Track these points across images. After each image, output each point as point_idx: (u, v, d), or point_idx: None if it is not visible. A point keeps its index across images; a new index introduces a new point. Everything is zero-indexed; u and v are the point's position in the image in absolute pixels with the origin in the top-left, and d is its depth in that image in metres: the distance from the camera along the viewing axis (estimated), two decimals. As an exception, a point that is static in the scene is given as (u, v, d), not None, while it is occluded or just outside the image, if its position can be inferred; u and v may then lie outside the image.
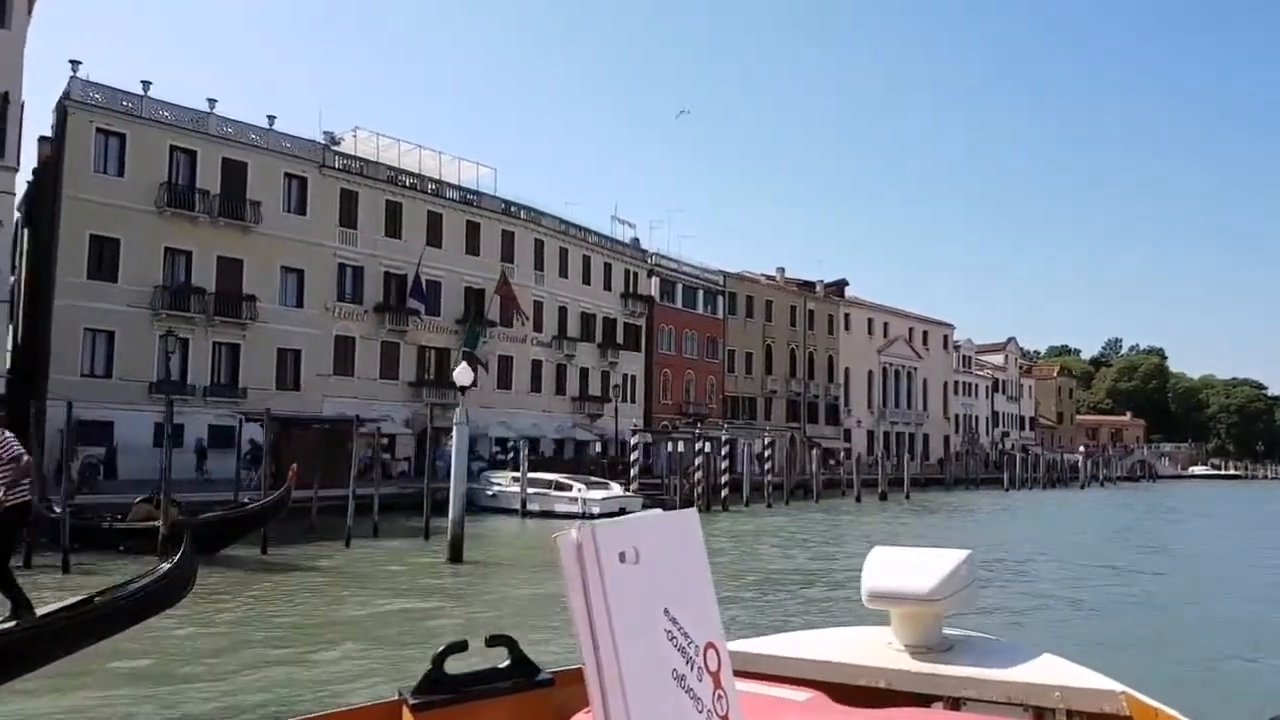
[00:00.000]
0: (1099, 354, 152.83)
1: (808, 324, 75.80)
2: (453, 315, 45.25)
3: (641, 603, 1.14)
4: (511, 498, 32.80)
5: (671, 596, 1.19)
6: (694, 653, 1.19)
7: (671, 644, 1.16)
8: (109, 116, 35.95)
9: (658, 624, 1.15)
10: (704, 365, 64.09)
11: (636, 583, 1.13)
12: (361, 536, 23.20)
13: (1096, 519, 43.48)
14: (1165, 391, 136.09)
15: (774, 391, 71.48)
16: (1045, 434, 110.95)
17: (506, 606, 15.24)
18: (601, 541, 1.10)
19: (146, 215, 36.35)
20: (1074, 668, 2.56)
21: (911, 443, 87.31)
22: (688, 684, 1.17)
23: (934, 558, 2.66)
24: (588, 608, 1.08)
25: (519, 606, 15.09)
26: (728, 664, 1.26)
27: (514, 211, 49.30)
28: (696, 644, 1.20)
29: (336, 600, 15.23)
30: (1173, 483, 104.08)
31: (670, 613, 1.17)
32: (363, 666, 10.50)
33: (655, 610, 1.16)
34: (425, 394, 43.63)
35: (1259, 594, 18.72)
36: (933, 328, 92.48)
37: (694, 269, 63.72)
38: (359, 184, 42.83)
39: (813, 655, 2.68)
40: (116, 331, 35.27)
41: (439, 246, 45.18)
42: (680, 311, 61.82)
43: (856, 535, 29.15)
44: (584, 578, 1.08)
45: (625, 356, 56.16)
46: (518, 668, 2.15)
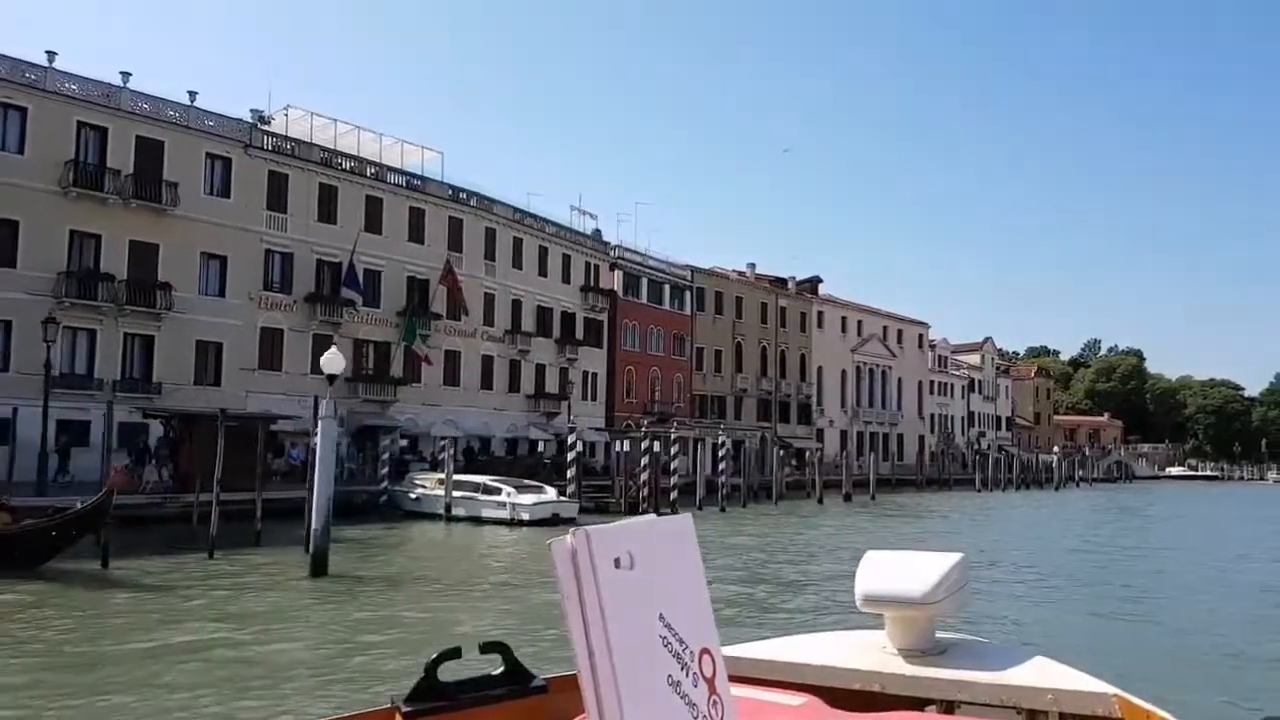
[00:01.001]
0: (1078, 355, 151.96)
1: (779, 321, 73.51)
2: (394, 307, 42.42)
3: (636, 609, 1.13)
4: (436, 501, 30.02)
5: (666, 602, 1.18)
6: (689, 658, 1.18)
7: (666, 650, 1.16)
8: (9, 89, 32.95)
9: (653, 630, 1.15)
10: (671, 363, 61.57)
11: (631, 588, 1.12)
12: (239, 546, 20.38)
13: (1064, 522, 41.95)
14: (1143, 392, 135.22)
15: (744, 390, 69.09)
16: (1023, 434, 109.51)
17: (337, 633, 12.53)
18: (596, 547, 1.09)
19: (49, 196, 33.35)
20: (1066, 670, 2.58)
21: (886, 443, 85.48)
22: (683, 690, 1.16)
23: (926, 561, 2.66)
24: (582, 614, 1.07)
25: (361, 634, 12.37)
26: (723, 669, 1.25)
27: (463, 198, 46.53)
28: (691, 649, 1.19)
29: (128, 628, 12.42)
30: (1150, 483, 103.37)
31: (665, 618, 1.16)
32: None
33: (650, 616, 1.15)
34: (362, 390, 40.79)
35: (1234, 597, 18.43)
36: (908, 326, 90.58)
37: (660, 263, 61.20)
38: (290, 166, 39.93)
39: (807, 659, 2.67)
40: (14, 321, 32.27)
41: (379, 233, 42.33)
42: (645, 307, 59.27)
43: (798, 544, 26.63)
44: (579, 584, 1.08)
45: (586, 353, 53.51)
46: (512, 675, 2.08)
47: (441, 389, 44.25)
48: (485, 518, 28.67)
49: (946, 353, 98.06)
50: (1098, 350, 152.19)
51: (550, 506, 28.38)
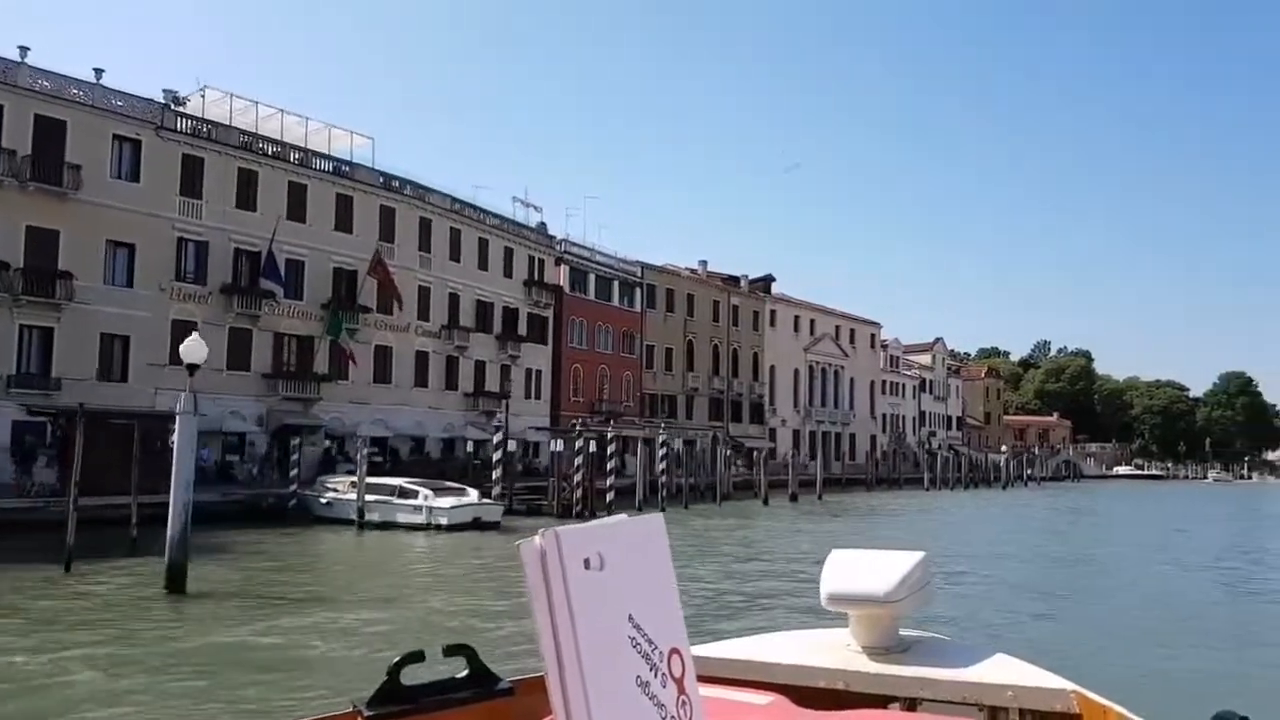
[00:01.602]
0: (1028, 356, 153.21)
1: (732, 320, 72.24)
2: (318, 299, 40.06)
3: (606, 610, 1.12)
4: (348, 506, 27.85)
5: (636, 602, 1.17)
6: (658, 659, 1.18)
7: (635, 650, 1.15)
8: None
9: (622, 631, 1.14)
10: (620, 361, 59.84)
11: (601, 589, 1.11)
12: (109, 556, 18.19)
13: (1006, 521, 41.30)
14: (1091, 393, 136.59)
15: (696, 389, 67.62)
16: (973, 434, 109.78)
17: (153, 665, 10.55)
18: (566, 548, 1.08)
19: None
20: (1026, 667, 2.60)
21: (838, 442, 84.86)
22: (651, 691, 1.15)
23: (890, 560, 2.67)
24: (551, 615, 1.06)
25: (182, 667, 10.42)
26: (691, 669, 1.24)
27: (395, 186, 44.30)
28: (661, 650, 1.19)
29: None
30: (1097, 482, 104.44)
31: (634, 619, 1.16)
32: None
33: (619, 617, 1.14)
34: (283, 387, 38.45)
35: (1173, 592, 18.47)
36: (860, 326, 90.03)
37: (609, 258, 59.41)
38: (206, 149, 37.45)
39: (774, 658, 2.68)
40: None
41: (303, 222, 39.95)
42: (593, 303, 57.44)
43: (724, 551, 24.96)
44: (547, 585, 1.07)
45: (529, 350, 51.53)
46: (477, 677, 2.05)
47: (371, 386, 42.00)
48: (401, 523, 26.62)
49: (898, 353, 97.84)
50: (1047, 351, 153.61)
51: (471, 510, 26.39)
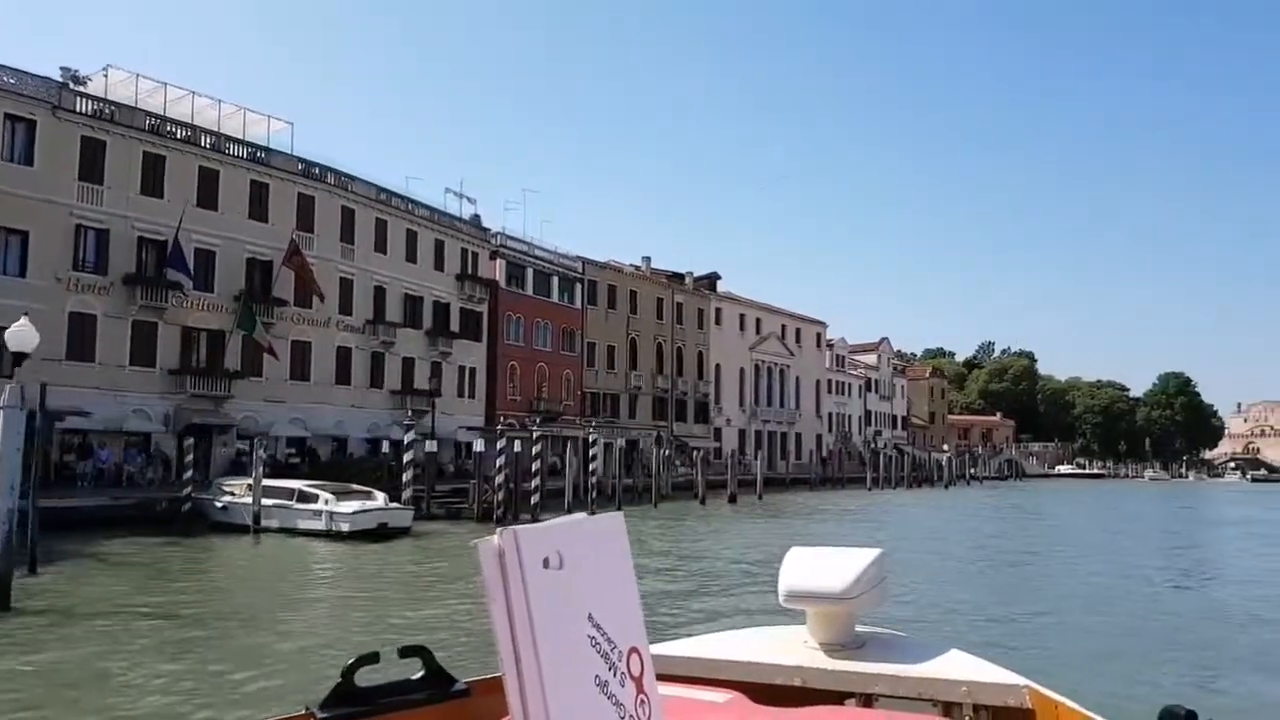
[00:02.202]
0: (972, 356, 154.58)
1: (676, 318, 71.05)
2: (230, 291, 37.89)
3: (565, 609, 1.12)
4: (245, 511, 25.93)
5: (595, 602, 1.17)
6: (617, 658, 1.18)
7: (595, 650, 1.15)
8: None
9: (581, 630, 1.14)
10: (559, 358, 58.25)
11: (560, 589, 1.11)
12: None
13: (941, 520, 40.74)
14: (1034, 393, 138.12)
15: (639, 388, 66.26)
16: (918, 433, 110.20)
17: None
18: (524, 547, 1.08)
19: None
20: (979, 663, 2.62)
21: (784, 442, 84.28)
22: (610, 690, 1.15)
23: (847, 557, 2.69)
24: (509, 615, 1.05)
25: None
26: (650, 668, 1.25)
27: (316, 173, 42.23)
28: (620, 649, 1.19)
29: None
30: (1039, 481, 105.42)
31: (594, 618, 1.16)
32: None
33: (579, 616, 1.14)
34: (192, 384, 36.26)
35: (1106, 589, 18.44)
36: (806, 325, 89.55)
37: (548, 253, 57.76)
38: (109, 132, 35.14)
39: (732, 656, 2.68)
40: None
41: (214, 209, 37.77)
42: (531, 299, 55.75)
43: (644, 553, 23.68)
44: (505, 585, 1.06)
45: (462, 346, 49.71)
46: (432, 678, 2.02)
47: (288, 384, 39.91)
48: (301, 529, 24.78)
49: (844, 352, 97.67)
50: (992, 352, 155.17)
51: (376, 515, 24.63)
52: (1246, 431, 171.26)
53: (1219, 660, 12.11)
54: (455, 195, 50.71)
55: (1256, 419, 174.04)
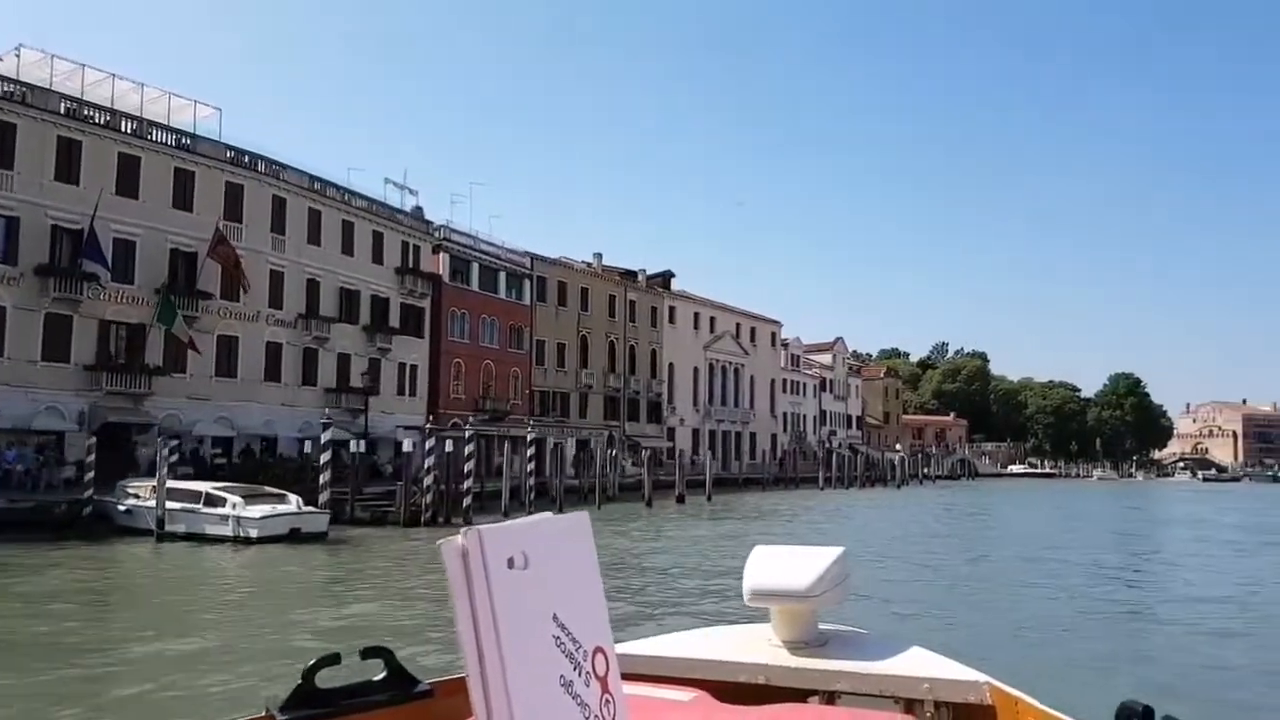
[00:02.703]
0: (927, 356, 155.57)
1: (629, 316, 70.01)
2: (152, 283, 36.14)
3: (529, 609, 1.12)
4: (149, 515, 24.41)
5: (560, 601, 1.17)
6: (582, 658, 1.18)
7: (560, 650, 1.15)
8: None
9: (546, 630, 1.14)
10: (507, 356, 56.91)
11: (525, 589, 1.11)
12: None
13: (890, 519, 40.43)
14: (987, 393, 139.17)
15: (590, 387, 65.09)
16: (872, 433, 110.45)
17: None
18: (489, 547, 1.07)
19: None
20: (941, 660, 2.64)
21: (739, 441, 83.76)
22: (575, 690, 1.15)
23: (810, 556, 2.70)
24: (473, 616, 1.05)
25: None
26: (616, 668, 1.25)
27: (245, 161, 40.55)
28: (585, 649, 1.19)
29: None
30: (991, 480, 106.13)
31: (559, 618, 1.16)
32: None
33: (544, 616, 1.14)
34: (109, 381, 34.49)
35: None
36: (760, 324, 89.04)
37: (494, 247, 56.35)
38: (19, 115, 33.27)
39: (697, 654, 2.68)
40: None
41: (134, 197, 36.02)
42: (477, 295, 54.34)
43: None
44: (469, 585, 1.05)
45: (402, 343, 48.21)
46: (395, 679, 2.00)
47: (213, 381, 38.22)
48: (209, 534, 23.35)
49: (799, 352, 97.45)
50: (945, 353, 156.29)
51: (287, 520, 23.27)
52: (1195, 432, 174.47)
53: (1173, 657, 12.19)
54: (396, 186, 49.20)
55: (1205, 419, 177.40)
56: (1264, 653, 12.65)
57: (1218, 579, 21.47)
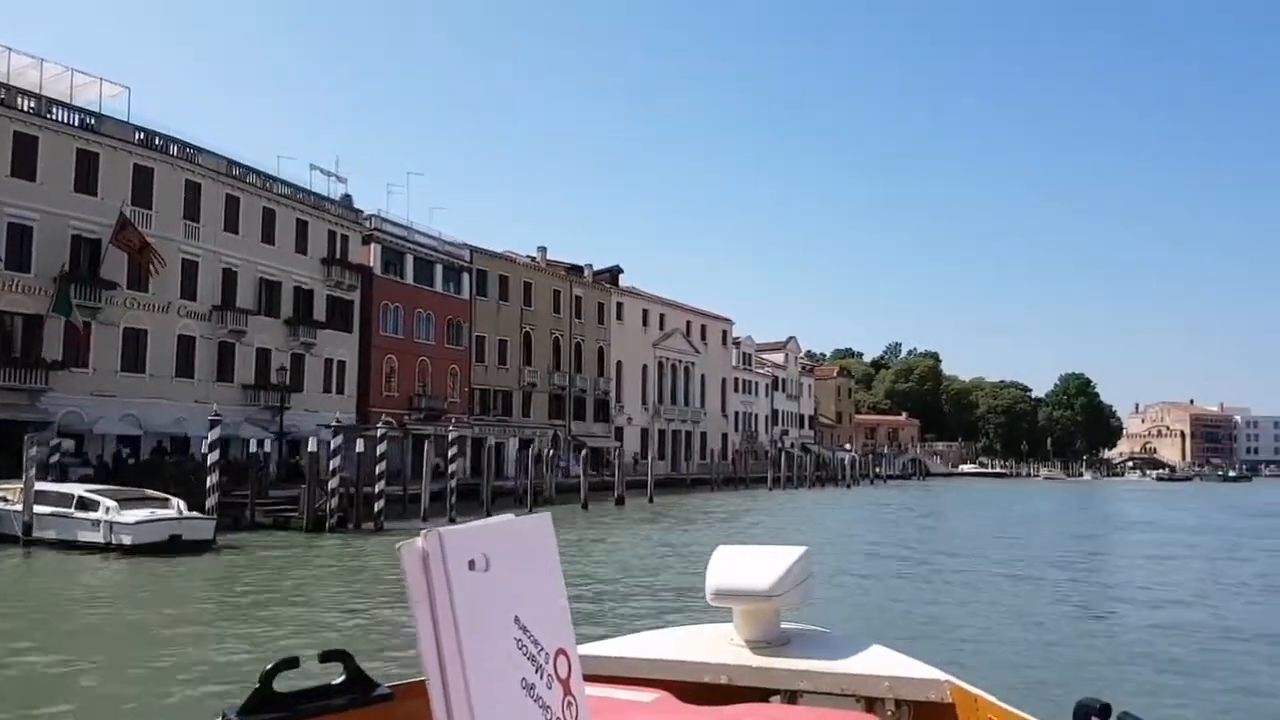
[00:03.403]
0: (880, 356, 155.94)
1: (575, 312, 68.39)
2: (51, 271, 33.88)
3: (491, 612, 1.11)
4: (15, 520, 22.38)
5: (522, 604, 1.17)
6: (544, 660, 1.18)
7: (521, 652, 1.15)
8: None
9: (507, 633, 1.14)
10: (444, 352, 55.04)
11: (486, 591, 1.11)
12: None
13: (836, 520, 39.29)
14: (939, 393, 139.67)
15: (534, 385, 63.32)
16: (825, 432, 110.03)
17: None
18: (450, 549, 1.07)
19: None
20: (901, 658, 2.65)
21: (689, 441, 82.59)
22: (537, 693, 1.15)
23: (773, 555, 2.71)
24: (433, 619, 1.04)
25: None
26: (578, 670, 1.25)
27: (157, 143, 38.33)
28: (547, 651, 1.19)
29: None
30: (942, 480, 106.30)
31: (521, 620, 1.15)
32: None
33: (505, 619, 1.14)
34: (5, 376, 32.20)
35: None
36: (711, 322, 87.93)
37: (430, 239, 54.42)
38: (-100, 86, 30.93)
39: (660, 655, 2.68)
40: None
41: (32, 180, 33.72)
42: (411, 288, 52.38)
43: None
44: (430, 588, 1.05)
45: (329, 337, 46.17)
46: (354, 683, 1.96)
47: (118, 376, 35.99)
48: (80, 541, 21.40)
49: (751, 351, 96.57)
50: (899, 353, 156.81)
51: (166, 526, 21.37)
52: (1144, 431, 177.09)
53: (1129, 656, 12.31)
54: (323, 173, 47.04)
55: (1154, 420, 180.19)
56: (1218, 650, 12.76)
57: (1170, 582, 20.80)
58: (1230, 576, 21.91)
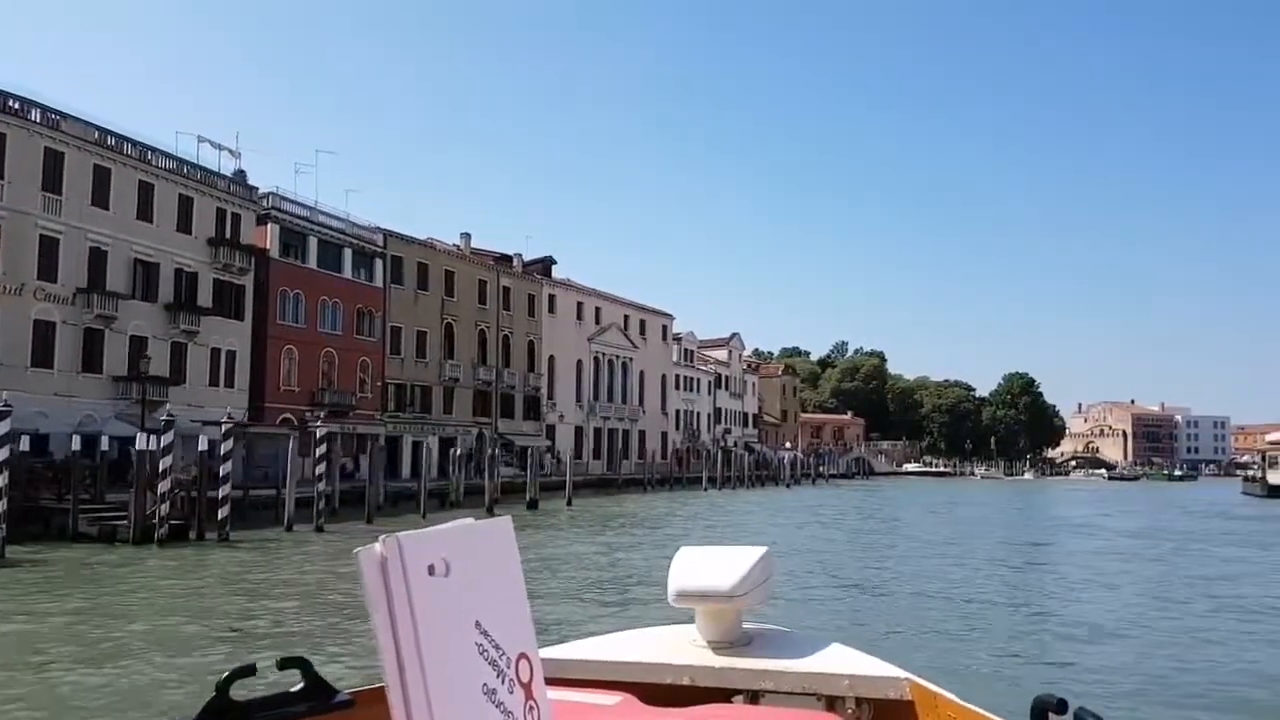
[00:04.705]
0: (826, 355, 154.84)
1: (503, 303, 64.95)
2: None
3: (451, 617, 1.11)
4: None
5: (483, 608, 1.16)
6: (505, 665, 1.18)
7: (482, 657, 1.14)
8: None
9: (468, 638, 1.13)
10: (354, 343, 51.35)
11: (446, 596, 1.10)
12: None
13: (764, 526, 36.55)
14: (884, 392, 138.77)
15: (456, 379, 59.80)
16: (770, 431, 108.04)
17: None
18: (409, 554, 1.06)
19: None
20: (861, 656, 2.67)
21: (626, 440, 79.69)
22: (498, 698, 1.15)
23: (734, 555, 2.71)
24: (392, 625, 1.04)
25: None
26: (540, 674, 1.25)
27: (14, 107, 34.31)
28: (508, 656, 1.18)
29: None
30: (885, 479, 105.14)
31: (482, 625, 1.15)
32: None
33: (466, 624, 1.14)
34: None
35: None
36: (651, 316, 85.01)
37: (338, 220, 50.63)
38: None
39: (622, 657, 2.69)
40: None
41: None
42: (315, 273, 48.59)
43: (263, 607, 17.64)
44: (388, 593, 1.04)
45: (216, 325, 42.29)
46: (313, 690, 1.87)
47: (-42, 364, 32.03)
48: None
49: (693, 347, 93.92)
50: (845, 352, 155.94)
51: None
52: (1087, 431, 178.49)
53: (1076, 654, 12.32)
54: (213, 146, 43.14)
55: (1096, 419, 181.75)
56: (1175, 648, 12.85)
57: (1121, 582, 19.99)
58: (1189, 575, 21.49)
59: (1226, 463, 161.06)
